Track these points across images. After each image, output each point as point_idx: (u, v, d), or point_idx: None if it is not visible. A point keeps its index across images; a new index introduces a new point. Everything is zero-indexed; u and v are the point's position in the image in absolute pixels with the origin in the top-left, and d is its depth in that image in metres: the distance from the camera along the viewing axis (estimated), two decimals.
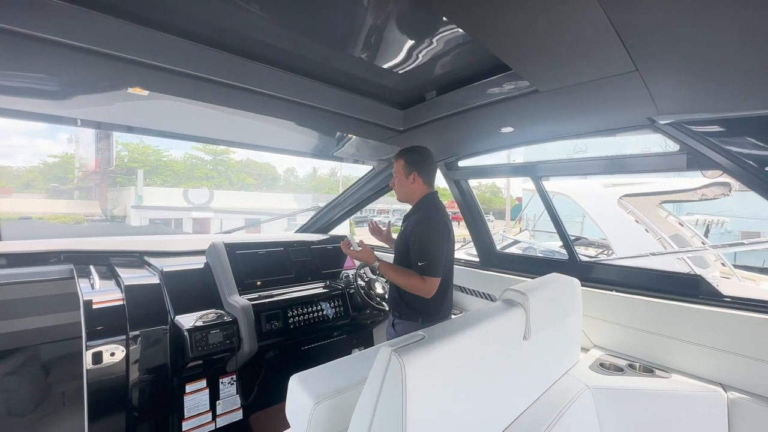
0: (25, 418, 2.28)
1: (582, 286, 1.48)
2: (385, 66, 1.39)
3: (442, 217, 1.67)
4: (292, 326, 1.94)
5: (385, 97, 1.71)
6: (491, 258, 2.50)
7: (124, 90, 1.35)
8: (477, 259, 2.66)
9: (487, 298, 2.50)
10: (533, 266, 2.26)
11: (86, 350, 1.52)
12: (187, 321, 1.69)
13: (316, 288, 2.21)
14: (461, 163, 2.43)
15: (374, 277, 2.33)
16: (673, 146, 1.54)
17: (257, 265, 2.15)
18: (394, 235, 1.99)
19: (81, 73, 1.23)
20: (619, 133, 1.67)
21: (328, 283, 2.31)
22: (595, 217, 3.36)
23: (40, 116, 1.68)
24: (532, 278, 1.44)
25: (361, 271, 2.29)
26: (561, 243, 4.23)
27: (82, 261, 2.00)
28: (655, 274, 1.75)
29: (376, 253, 1.77)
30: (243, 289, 1.96)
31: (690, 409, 1.37)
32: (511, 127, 1.74)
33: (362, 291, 2.17)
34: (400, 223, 1.85)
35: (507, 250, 4.41)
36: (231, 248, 2.09)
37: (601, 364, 1.57)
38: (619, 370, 1.54)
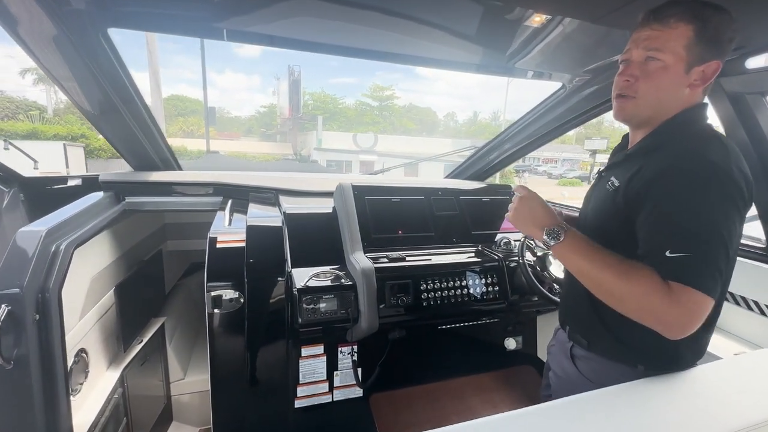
0: None
1: None
2: None
3: (738, 167, 0.76)
4: (425, 303, 1.44)
5: None
6: None
7: None
8: (764, 245, 1.53)
9: None
10: None
11: (207, 292, 1.39)
12: (301, 277, 1.38)
13: (462, 254, 1.63)
14: (751, 63, 1.30)
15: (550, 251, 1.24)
16: None
17: (390, 216, 1.69)
18: None
19: None
20: None
21: (480, 248, 1.69)
22: None
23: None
24: None
25: (532, 240, 1.56)
26: None
27: (230, 194, 1.95)
28: None
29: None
30: (369, 246, 1.54)
31: None
32: None
33: (529, 269, 1.45)
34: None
35: None
36: (360, 192, 1.67)
37: None
38: None
